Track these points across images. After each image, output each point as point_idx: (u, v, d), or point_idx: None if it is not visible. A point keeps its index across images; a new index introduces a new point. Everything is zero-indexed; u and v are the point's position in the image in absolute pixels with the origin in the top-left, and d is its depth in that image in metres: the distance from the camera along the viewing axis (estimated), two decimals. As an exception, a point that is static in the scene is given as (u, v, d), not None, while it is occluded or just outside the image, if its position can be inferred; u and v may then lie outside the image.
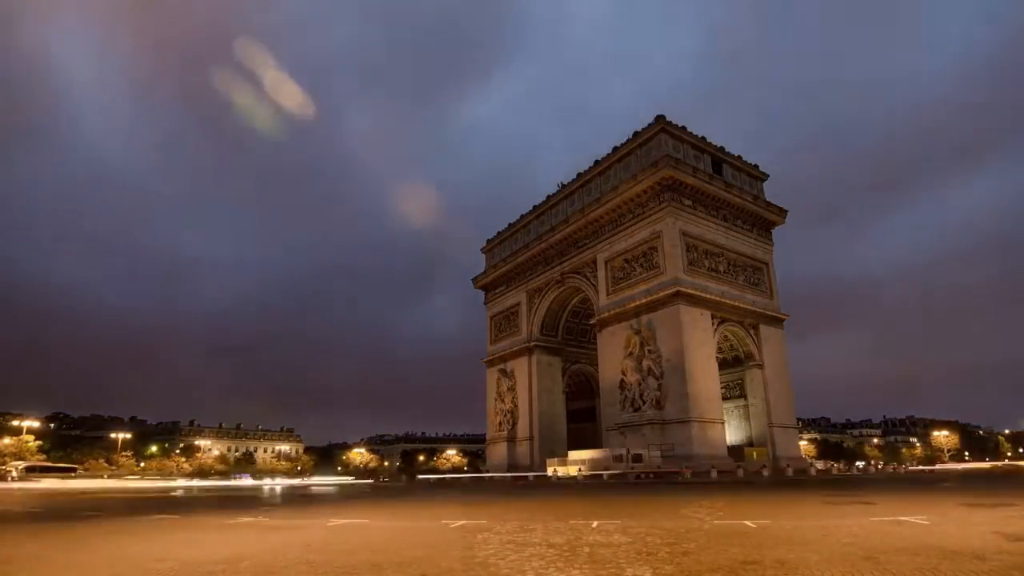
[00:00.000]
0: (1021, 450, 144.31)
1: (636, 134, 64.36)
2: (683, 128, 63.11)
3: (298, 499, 30.87)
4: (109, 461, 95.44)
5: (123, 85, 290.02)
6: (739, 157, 68.06)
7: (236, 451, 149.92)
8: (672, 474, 47.05)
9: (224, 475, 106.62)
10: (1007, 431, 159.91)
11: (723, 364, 60.17)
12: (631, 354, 58.84)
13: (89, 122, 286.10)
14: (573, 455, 59.29)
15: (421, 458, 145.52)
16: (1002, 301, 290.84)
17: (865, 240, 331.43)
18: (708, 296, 58.19)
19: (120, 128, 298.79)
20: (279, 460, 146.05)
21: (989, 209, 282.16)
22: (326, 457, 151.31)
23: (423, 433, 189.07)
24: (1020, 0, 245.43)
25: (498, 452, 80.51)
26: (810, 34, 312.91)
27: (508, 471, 71.05)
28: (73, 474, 64.62)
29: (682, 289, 55.93)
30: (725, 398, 58.26)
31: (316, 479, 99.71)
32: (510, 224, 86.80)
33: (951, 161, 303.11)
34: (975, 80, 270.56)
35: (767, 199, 68.51)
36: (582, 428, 77.42)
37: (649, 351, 57.19)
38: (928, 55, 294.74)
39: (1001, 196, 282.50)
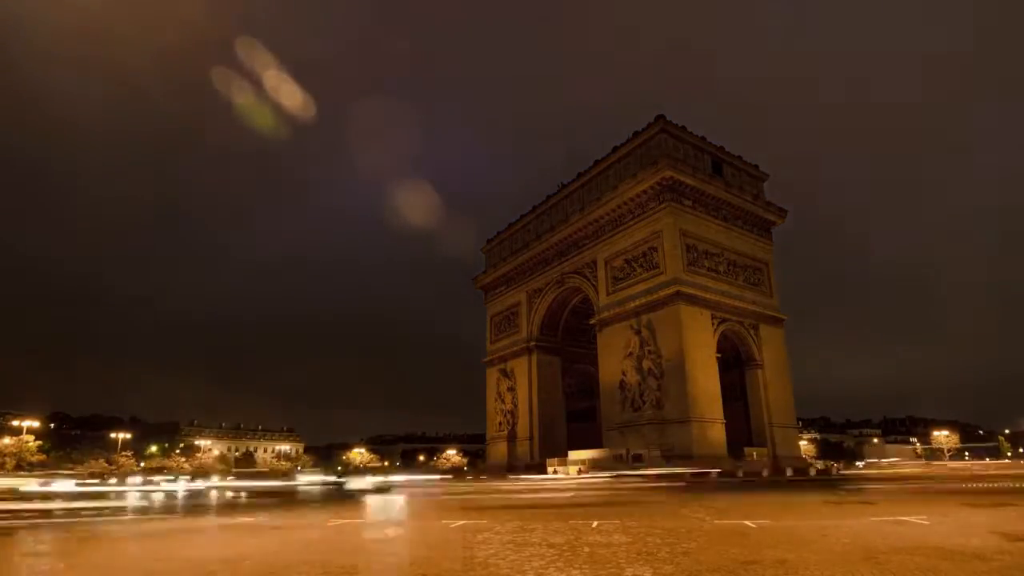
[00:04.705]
0: (1021, 450, 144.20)
1: (636, 134, 64.28)
2: (683, 128, 63.05)
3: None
4: (109, 461, 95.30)
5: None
6: (739, 157, 67.99)
7: (236, 451, 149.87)
8: (672, 475, 46.94)
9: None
10: (1007, 431, 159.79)
11: (723, 364, 60.09)
12: (631, 354, 58.79)
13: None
14: (573, 455, 59.26)
15: (421, 458, 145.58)
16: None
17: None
18: (708, 296, 58.13)
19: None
20: (279, 460, 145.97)
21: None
22: (326, 457, 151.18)
23: (423, 433, 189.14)
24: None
25: (498, 452, 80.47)
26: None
27: (508, 471, 71.02)
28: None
29: (682, 289, 55.89)
30: (725, 398, 58.16)
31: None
32: (510, 224, 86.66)
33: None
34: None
35: (767, 199, 68.48)
36: (582, 428, 77.29)
37: (649, 351, 57.15)
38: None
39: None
